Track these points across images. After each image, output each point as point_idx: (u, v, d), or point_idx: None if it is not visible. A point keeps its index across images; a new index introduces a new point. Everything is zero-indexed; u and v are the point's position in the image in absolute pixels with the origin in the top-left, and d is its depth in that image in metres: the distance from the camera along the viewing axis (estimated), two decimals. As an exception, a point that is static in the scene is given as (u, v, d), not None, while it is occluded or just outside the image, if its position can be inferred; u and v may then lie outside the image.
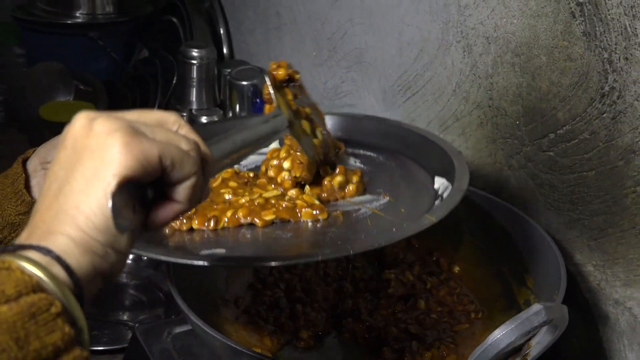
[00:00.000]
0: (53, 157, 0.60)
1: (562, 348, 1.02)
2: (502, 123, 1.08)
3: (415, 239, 1.12)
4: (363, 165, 1.03)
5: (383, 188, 0.97)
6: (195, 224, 0.88)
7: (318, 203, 0.91)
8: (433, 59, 1.20)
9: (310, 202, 0.91)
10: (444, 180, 0.93)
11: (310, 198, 0.91)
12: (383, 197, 0.95)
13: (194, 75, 1.70)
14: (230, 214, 0.88)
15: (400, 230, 0.83)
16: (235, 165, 1.03)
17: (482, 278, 1.06)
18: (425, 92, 1.23)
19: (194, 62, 1.69)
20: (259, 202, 0.90)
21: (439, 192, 0.92)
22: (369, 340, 0.98)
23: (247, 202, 0.90)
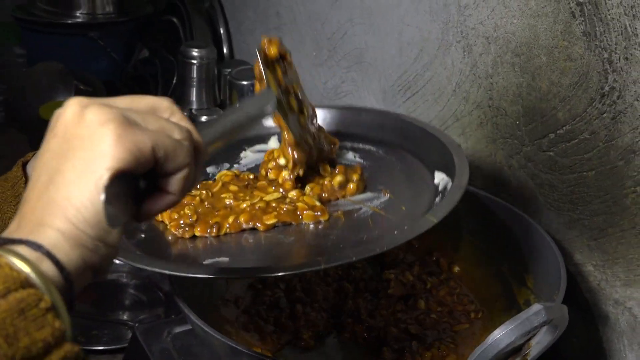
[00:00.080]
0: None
1: (562, 348, 1.02)
2: (502, 123, 1.08)
3: (415, 239, 1.12)
4: (362, 160, 1.02)
5: (383, 184, 0.96)
6: (198, 232, 0.88)
7: (319, 205, 0.90)
8: (433, 59, 1.20)
9: (312, 203, 0.90)
10: (444, 176, 0.92)
11: (311, 199, 0.91)
12: (383, 194, 0.94)
13: (194, 75, 1.70)
14: (232, 220, 0.88)
15: (402, 233, 0.83)
16: (235, 166, 1.03)
17: (482, 278, 1.06)
18: (425, 92, 1.23)
19: (194, 62, 1.69)
20: (260, 206, 0.90)
21: (439, 187, 0.92)
22: (369, 341, 0.98)
23: (248, 206, 0.90)
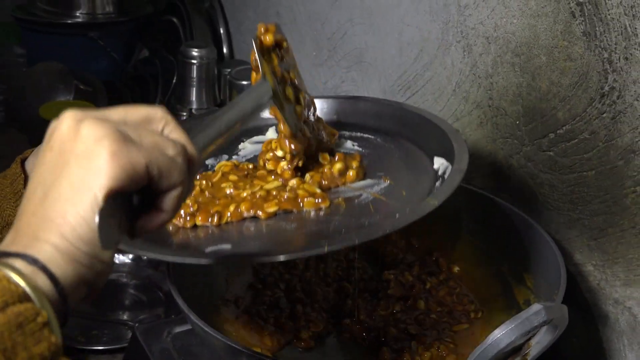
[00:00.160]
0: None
1: (562, 348, 1.02)
2: (502, 123, 1.08)
3: (415, 239, 1.12)
4: (361, 148, 1.01)
5: (383, 171, 0.95)
6: (199, 221, 0.87)
7: (319, 192, 0.90)
8: (433, 59, 1.20)
9: (312, 191, 0.90)
10: (444, 160, 0.92)
11: (311, 187, 0.90)
12: (383, 180, 0.94)
13: (194, 75, 1.70)
14: (233, 208, 0.88)
15: (404, 216, 0.81)
16: (234, 158, 1.03)
17: (481, 278, 1.06)
18: (425, 92, 1.23)
19: (194, 62, 1.69)
20: (261, 194, 0.89)
21: (439, 172, 0.91)
22: (369, 341, 0.98)
23: (248, 195, 0.89)
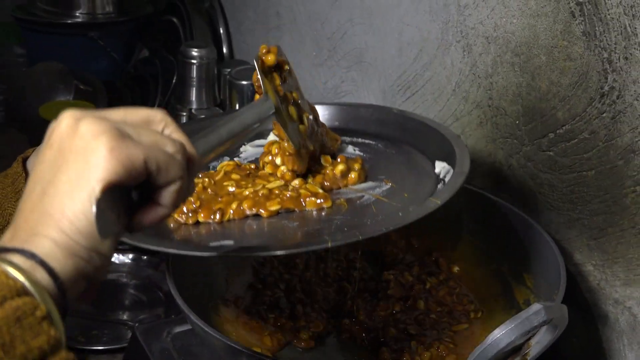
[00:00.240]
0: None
1: (561, 348, 1.02)
2: (501, 123, 1.09)
3: (415, 239, 1.12)
4: (362, 154, 1.02)
5: (384, 174, 0.96)
6: (201, 217, 0.88)
7: (322, 192, 0.90)
8: (433, 59, 1.20)
9: (314, 191, 0.90)
10: (445, 164, 0.93)
11: (314, 187, 0.91)
12: (385, 183, 0.94)
13: (194, 75, 1.70)
14: (236, 206, 0.88)
15: (407, 214, 0.82)
16: (236, 158, 1.03)
17: (481, 278, 1.06)
18: (425, 91, 1.23)
19: (194, 62, 1.69)
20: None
21: (441, 175, 0.92)
22: (369, 341, 0.98)
23: (251, 193, 0.90)
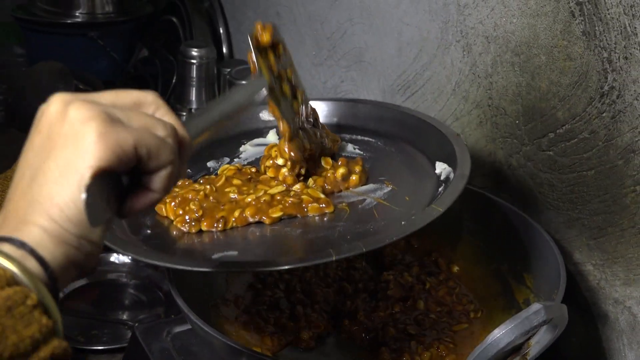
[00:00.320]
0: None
1: (561, 347, 1.02)
2: (501, 122, 1.08)
3: (415, 239, 1.12)
4: (362, 152, 1.02)
5: (385, 176, 0.96)
6: (204, 226, 0.88)
7: (324, 197, 0.90)
8: (432, 59, 1.20)
9: (316, 196, 0.90)
10: (445, 165, 0.92)
11: (316, 192, 0.91)
12: (386, 185, 0.94)
13: (194, 75, 1.70)
14: (238, 214, 0.88)
15: (409, 223, 0.82)
16: (236, 161, 1.03)
17: (481, 277, 1.06)
18: (425, 91, 1.23)
19: (194, 61, 1.69)
20: (265, 199, 0.90)
21: (441, 177, 0.92)
22: (369, 341, 0.98)
23: (253, 200, 0.90)
